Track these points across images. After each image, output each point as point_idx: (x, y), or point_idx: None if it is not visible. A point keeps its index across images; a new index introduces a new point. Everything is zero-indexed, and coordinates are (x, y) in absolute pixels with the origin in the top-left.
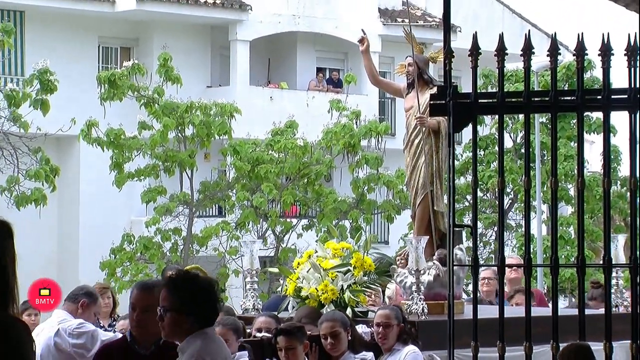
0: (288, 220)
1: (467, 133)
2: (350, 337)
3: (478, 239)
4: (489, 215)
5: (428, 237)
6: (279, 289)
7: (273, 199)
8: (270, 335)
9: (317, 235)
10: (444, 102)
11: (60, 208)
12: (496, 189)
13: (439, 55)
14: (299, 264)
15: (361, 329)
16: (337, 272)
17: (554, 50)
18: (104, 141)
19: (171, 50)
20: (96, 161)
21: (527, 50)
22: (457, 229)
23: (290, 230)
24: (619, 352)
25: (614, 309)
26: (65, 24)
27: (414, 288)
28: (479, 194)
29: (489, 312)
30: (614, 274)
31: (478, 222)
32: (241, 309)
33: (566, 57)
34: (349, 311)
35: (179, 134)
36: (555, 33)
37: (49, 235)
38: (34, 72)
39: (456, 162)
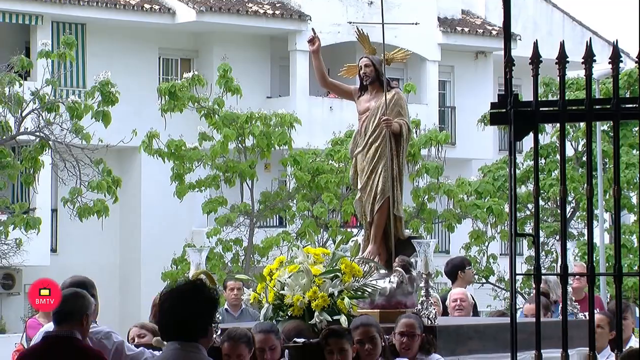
0: (349, 230)
1: (528, 141)
2: (383, 343)
3: (540, 247)
4: (550, 224)
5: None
6: (244, 296)
7: (333, 209)
8: (309, 340)
9: None
10: (504, 110)
11: (122, 219)
12: (558, 198)
13: (394, 56)
14: (271, 270)
15: None
16: (325, 278)
17: (615, 57)
18: (164, 152)
19: (231, 61)
20: (157, 172)
21: (589, 58)
22: (518, 237)
23: (351, 240)
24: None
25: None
26: (126, 36)
27: (422, 292)
28: (541, 202)
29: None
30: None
31: (540, 231)
32: None
33: (628, 65)
34: (343, 319)
35: (239, 145)
36: (616, 40)
37: (111, 246)
38: (95, 84)
39: (517, 171)
